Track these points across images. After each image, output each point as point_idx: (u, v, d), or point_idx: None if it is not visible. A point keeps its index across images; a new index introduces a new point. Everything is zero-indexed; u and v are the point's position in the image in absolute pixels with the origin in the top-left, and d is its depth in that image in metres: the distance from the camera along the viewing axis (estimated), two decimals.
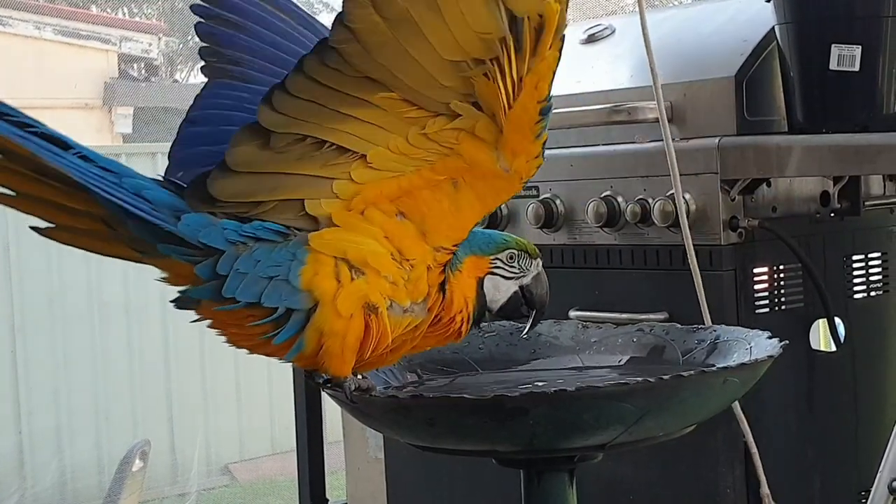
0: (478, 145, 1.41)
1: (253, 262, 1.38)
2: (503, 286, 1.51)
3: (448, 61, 1.34)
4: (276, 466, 7.28)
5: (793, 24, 2.32)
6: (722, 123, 2.40)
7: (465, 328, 1.48)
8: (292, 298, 1.38)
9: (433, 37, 1.32)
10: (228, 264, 1.37)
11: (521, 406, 1.28)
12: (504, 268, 1.51)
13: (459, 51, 1.34)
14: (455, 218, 1.45)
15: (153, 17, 12.89)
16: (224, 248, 1.38)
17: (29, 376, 6.75)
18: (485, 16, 1.33)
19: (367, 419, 1.44)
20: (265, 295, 1.37)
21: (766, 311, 2.42)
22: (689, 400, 1.34)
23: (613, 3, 10.02)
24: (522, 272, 1.52)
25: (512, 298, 1.52)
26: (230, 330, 1.43)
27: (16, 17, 8.83)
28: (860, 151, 2.21)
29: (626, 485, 2.52)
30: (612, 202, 2.53)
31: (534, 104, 1.40)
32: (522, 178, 1.47)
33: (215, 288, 1.38)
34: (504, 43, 1.34)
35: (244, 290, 1.37)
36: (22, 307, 6.72)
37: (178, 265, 1.39)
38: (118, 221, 1.37)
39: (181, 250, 1.38)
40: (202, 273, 1.38)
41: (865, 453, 2.54)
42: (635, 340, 1.66)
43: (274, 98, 1.35)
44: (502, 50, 1.34)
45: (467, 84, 1.37)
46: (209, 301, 1.40)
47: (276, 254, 1.39)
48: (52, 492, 6.76)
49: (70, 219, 1.39)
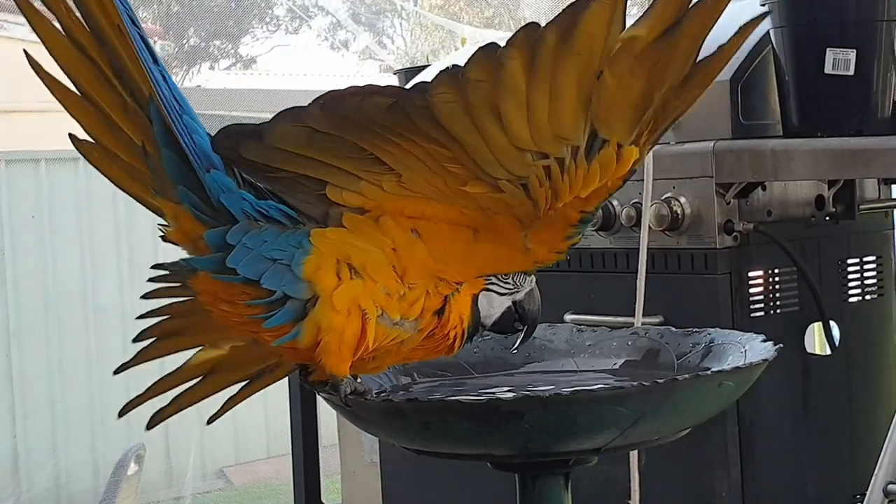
0: (510, 220, 1.42)
1: (261, 240, 1.38)
2: (497, 302, 1.50)
3: (514, 147, 1.34)
4: (272, 470, 7.27)
5: (788, 28, 2.32)
6: (717, 127, 2.40)
7: (458, 344, 1.48)
8: (292, 286, 1.37)
9: (511, 127, 1.33)
10: (238, 236, 1.38)
11: (515, 410, 1.27)
12: (499, 283, 1.50)
13: (530, 144, 1.34)
14: (465, 261, 1.45)
15: (148, 21, 12.89)
16: (239, 217, 1.39)
17: (24, 380, 6.74)
18: (570, 124, 1.33)
19: (361, 423, 1.44)
20: (266, 276, 1.37)
21: (761, 314, 2.42)
22: (683, 403, 1.34)
23: None
24: (516, 288, 1.51)
25: (505, 314, 1.51)
26: (220, 307, 1.42)
27: (12, 21, 8.83)
28: (855, 155, 2.22)
29: (622, 488, 2.52)
30: (606, 206, 2.53)
31: (576, 213, 1.42)
32: (539, 262, 1.47)
33: (220, 259, 1.38)
34: (576, 151, 1.35)
35: (247, 266, 1.37)
36: (17, 311, 6.72)
37: (188, 219, 1.40)
38: (156, 147, 1.39)
39: (197, 202, 1.39)
40: (211, 239, 1.38)
41: (860, 456, 2.55)
42: (630, 344, 1.66)
43: (326, 104, 1.34)
44: (570, 155, 1.35)
45: (524, 169, 1.37)
46: (211, 275, 1.40)
47: (285, 238, 1.39)
48: (47, 495, 6.75)
49: (111, 137, 1.42)
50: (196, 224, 1.40)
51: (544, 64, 1.29)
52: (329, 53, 16.29)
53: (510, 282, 1.50)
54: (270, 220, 1.40)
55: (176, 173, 1.39)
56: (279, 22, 15.80)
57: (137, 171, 1.43)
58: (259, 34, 15.76)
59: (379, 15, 15.26)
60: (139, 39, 1.38)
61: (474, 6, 14.04)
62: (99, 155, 1.45)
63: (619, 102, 1.33)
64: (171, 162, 1.39)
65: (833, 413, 2.55)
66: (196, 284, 1.42)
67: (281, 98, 11.11)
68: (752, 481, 2.40)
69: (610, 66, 1.31)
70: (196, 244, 1.41)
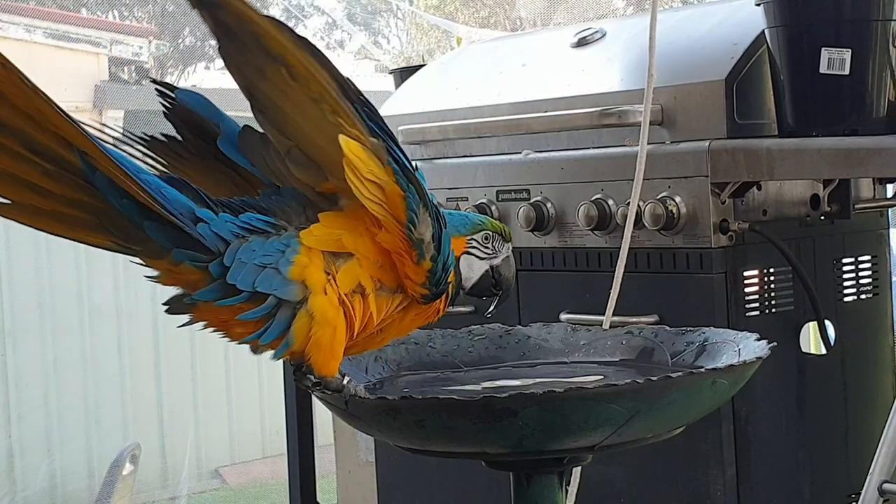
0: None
1: (250, 250, 1.39)
2: (476, 265, 1.55)
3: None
4: (267, 470, 7.27)
5: (783, 27, 2.32)
6: (712, 127, 2.41)
7: (444, 306, 1.52)
8: (283, 288, 1.39)
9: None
10: (232, 255, 1.38)
11: (509, 407, 1.28)
12: (479, 248, 1.55)
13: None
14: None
15: (143, 21, 12.89)
16: (230, 239, 1.39)
17: (19, 380, 6.73)
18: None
19: (356, 422, 1.44)
20: (258, 281, 1.38)
21: (756, 314, 2.42)
22: (677, 401, 1.34)
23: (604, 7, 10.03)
24: (494, 253, 1.56)
25: (483, 277, 1.55)
26: (229, 329, 1.43)
27: (5, 20, 8.82)
28: (850, 155, 2.22)
29: (616, 487, 2.52)
30: (602, 205, 2.53)
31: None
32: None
33: (220, 285, 1.38)
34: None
35: (244, 278, 1.38)
36: (12, 311, 6.70)
37: (186, 271, 1.38)
38: (120, 217, 1.35)
39: (194, 255, 1.37)
40: (216, 271, 1.38)
41: (855, 456, 2.55)
42: (624, 343, 1.66)
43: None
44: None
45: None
46: (213, 302, 1.39)
47: (271, 244, 1.40)
48: (42, 495, 6.74)
49: (48, 203, 1.35)
50: (194, 272, 1.39)
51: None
52: (325, 53, 16.26)
53: (489, 247, 1.55)
54: (254, 230, 1.41)
55: (167, 239, 1.37)
56: None
57: (99, 228, 1.37)
58: None
59: (374, 15, 15.26)
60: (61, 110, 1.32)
61: (470, 6, 14.03)
62: (32, 218, 1.36)
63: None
64: (158, 232, 1.36)
65: (828, 412, 2.55)
66: (200, 315, 1.42)
67: None
68: (748, 480, 2.40)
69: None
70: (195, 284, 1.40)
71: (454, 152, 2.89)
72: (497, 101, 2.84)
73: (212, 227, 1.38)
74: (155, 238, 1.36)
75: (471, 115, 2.85)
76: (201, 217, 1.38)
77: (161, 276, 1.41)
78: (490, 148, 2.83)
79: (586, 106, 2.58)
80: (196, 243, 1.37)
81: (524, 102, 2.76)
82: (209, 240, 1.37)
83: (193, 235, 1.36)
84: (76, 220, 1.36)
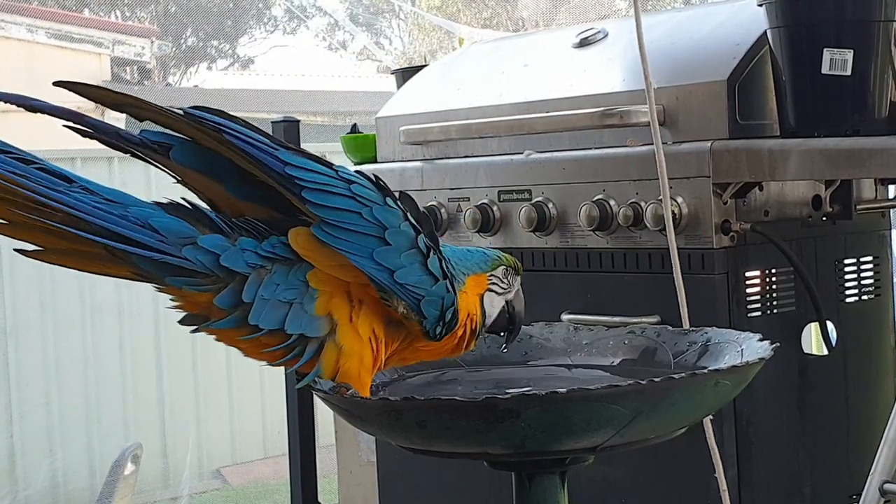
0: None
1: (273, 284, 1.35)
2: (496, 301, 1.53)
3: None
4: (269, 470, 7.27)
5: (785, 28, 2.32)
6: (714, 127, 2.41)
7: (466, 343, 1.50)
8: (310, 326, 1.37)
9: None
10: (253, 290, 1.35)
11: (512, 408, 1.28)
12: (498, 283, 1.53)
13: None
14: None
15: (146, 21, 12.90)
16: (246, 271, 1.35)
17: (20, 379, 6.74)
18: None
19: (358, 422, 1.44)
20: (288, 321, 1.36)
21: (758, 314, 2.42)
22: (680, 402, 1.34)
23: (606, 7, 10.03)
24: (509, 288, 1.54)
25: (500, 313, 1.54)
26: (250, 352, 1.42)
27: (8, 21, 8.82)
28: (852, 155, 2.22)
29: (619, 488, 2.52)
30: (604, 205, 2.53)
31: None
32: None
33: (239, 318, 1.35)
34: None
35: (268, 318, 1.35)
36: (14, 309, 6.71)
37: (192, 294, 1.35)
38: (123, 253, 1.33)
39: (194, 281, 1.34)
40: (223, 303, 1.35)
41: (857, 456, 2.55)
42: (626, 343, 1.66)
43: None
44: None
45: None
46: (232, 330, 1.37)
47: (293, 274, 1.37)
48: (44, 495, 6.74)
49: (69, 244, 1.34)
50: (205, 296, 1.36)
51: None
52: (327, 54, 16.30)
53: (505, 281, 1.53)
54: (276, 258, 1.37)
55: (157, 269, 1.34)
56: (277, 22, 15.80)
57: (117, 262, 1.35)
58: (257, 35, 15.76)
59: (377, 15, 15.27)
60: (34, 179, 1.31)
61: (472, 7, 14.03)
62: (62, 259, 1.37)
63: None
64: (144, 262, 1.34)
65: (830, 413, 2.55)
66: (219, 337, 1.40)
67: (279, 99, 11.10)
68: (749, 481, 2.40)
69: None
70: (206, 306, 1.37)
71: (456, 153, 2.89)
72: (499, 101, 2.84)
73: (211, 247, 1.34)
74: (144, 268, 1.33)
75: (473, 115, 2.85)
76: (203, 245, 1.34)
77: (177, 302, 1.38)
78: (492, 148, 2.83)
79: (588, 106, 2.58)
80: (187, 269, 1.34)
81: (526, 103, 2.76)
82: (198, 264, 1.33)
83: (180, 263, 1.33)
84: (96, 255, 1.34)
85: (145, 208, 1.35)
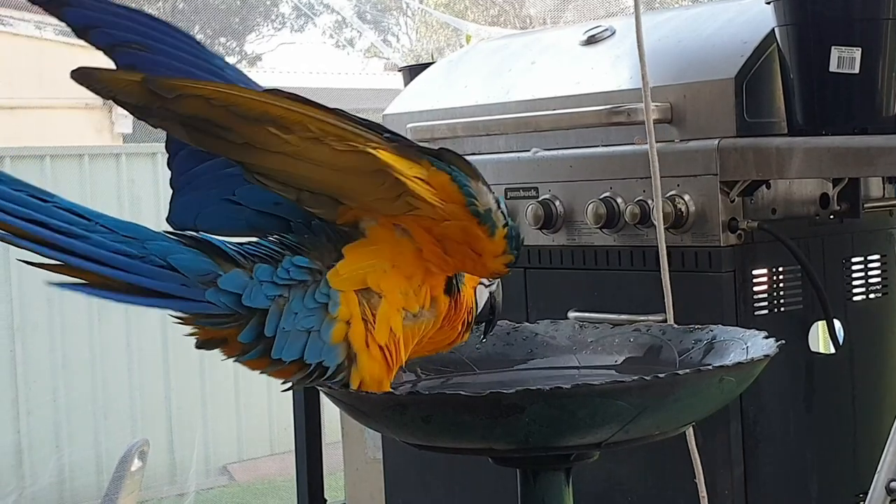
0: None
1: (292, 313, 1.35)
2: (483, 293, 1.55)
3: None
4: (275, 467, 7.29)
5: (793, 26, 2.32)
6: (722, 125, 2.40)
7: (466, 333, 1.53)
8: (329, 355, 1.37)
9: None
10: (274, 324, 1.34)
11: (516, 403, 1.27)
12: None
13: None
14: (441, 258, 1.45)
15: None
16: (266, 305, 1.34)
17: (28, 376, 6.76)
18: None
19: (363, 417, 1.44)
20: (307, 351, 1.35)
21: (764, 312, 2.42)
22: (685, 399, 1.33)
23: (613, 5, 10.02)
24: (492, 280, 1.56)
25: (486, 304, 1.56)
26: (272, 374, 1.42)
27: (16, 17, 8.83)
28: (860, 154, 2.22)
29: (624, 485, 2.52)
30: (611, 203, 2.53)
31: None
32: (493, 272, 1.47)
33: (262, 351, 1.34)
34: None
35: (290, 349, 1.35)
36: (21, 307, 6.73)
37: (214, 331, 1.35)
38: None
39: (217, 321, 1.34)
40: (246, 339, 1.34)
41: (863, 455, 2.54)
42: (632, 340, 1.66)
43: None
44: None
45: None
46: (255, 361, 1.37)
47: (309, 298, 1.36)
48: (50, 490, 6.77)
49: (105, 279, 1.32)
50: (227, 331, 1.35)
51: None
52: (334, 51, 16.33)
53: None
54: (293, 283, 1.36)
55: (176, 308, 1.33)
56: (284, 20, 15.83)
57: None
58: (264, 32, 15.78)
59: (384, 13, 15.27)
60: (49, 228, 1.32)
61: (479, 4, 14.03)
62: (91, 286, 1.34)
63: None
64: (166, 303, 1.32)
65: (836, 411, 2.55)
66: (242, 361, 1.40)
67: None
68: (755, 479, 2.40)
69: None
70: (234, 345, 1.36)
71: (463, 150, 2.89)
72: (506, 98, 2.84)
73: (234, 287, 1.33)
74: (164, 307, 1.33)
75: (479, 112, 2.85)
76: (225, 287, 1.32)
77: (195, 332, 1.37)
78: (499, 146, 2.83)
79: (595, 104, 2.58)
80: (216, 312, 1.33)
81: (533, 100, 2.76)
82: (223, 307, 1.32)
83: (204, 309, 1.32)
84: (128, 286, 1.32)
85: (162, 242, 1.33)
